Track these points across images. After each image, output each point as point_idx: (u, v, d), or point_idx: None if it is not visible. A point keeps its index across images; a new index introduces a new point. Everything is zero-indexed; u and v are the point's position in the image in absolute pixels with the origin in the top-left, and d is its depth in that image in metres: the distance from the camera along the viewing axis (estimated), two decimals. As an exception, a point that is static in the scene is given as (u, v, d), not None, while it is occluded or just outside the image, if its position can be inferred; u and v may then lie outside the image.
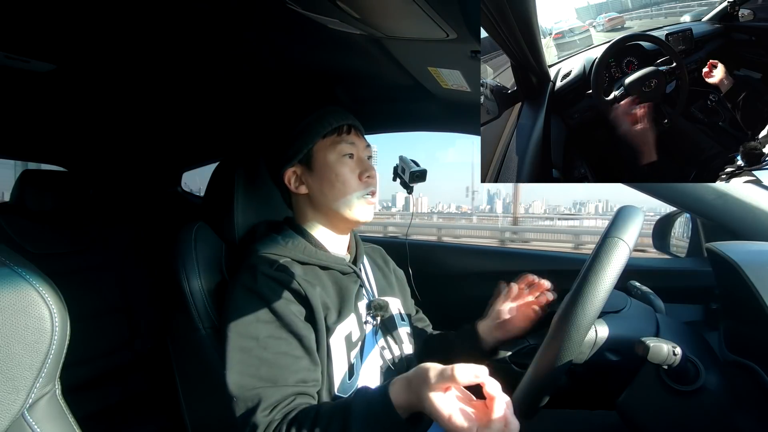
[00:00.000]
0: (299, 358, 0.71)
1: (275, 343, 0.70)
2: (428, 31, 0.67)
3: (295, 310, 0.73)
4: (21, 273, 0.37)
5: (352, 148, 0.83)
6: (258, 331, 0.70)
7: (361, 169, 0.83)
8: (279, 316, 0.71)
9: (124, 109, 1.34)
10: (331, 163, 0.81)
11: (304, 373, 0.70)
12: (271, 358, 0.69)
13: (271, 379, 0.67)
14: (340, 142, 0.82)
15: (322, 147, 0.82)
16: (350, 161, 0.82)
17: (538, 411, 0.65)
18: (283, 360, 0.69)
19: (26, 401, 0.37)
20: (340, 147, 0.82)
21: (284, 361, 0.69)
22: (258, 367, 0.68)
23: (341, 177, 0.81)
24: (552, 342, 0.54)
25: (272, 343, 0.70)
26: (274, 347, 0.69)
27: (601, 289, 0.51)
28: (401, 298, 0.95)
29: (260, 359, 0.68)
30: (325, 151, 0.82)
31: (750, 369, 0.61)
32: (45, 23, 0.79)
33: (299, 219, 0.86)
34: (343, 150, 0.82)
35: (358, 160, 0.84)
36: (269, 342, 0.69)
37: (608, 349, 0.62)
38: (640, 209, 0.58)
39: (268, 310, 0.71)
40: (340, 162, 0.81)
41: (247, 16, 0.76)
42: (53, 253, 1.33)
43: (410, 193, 1.03)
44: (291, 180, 0.84)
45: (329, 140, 0.82)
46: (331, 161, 0.81)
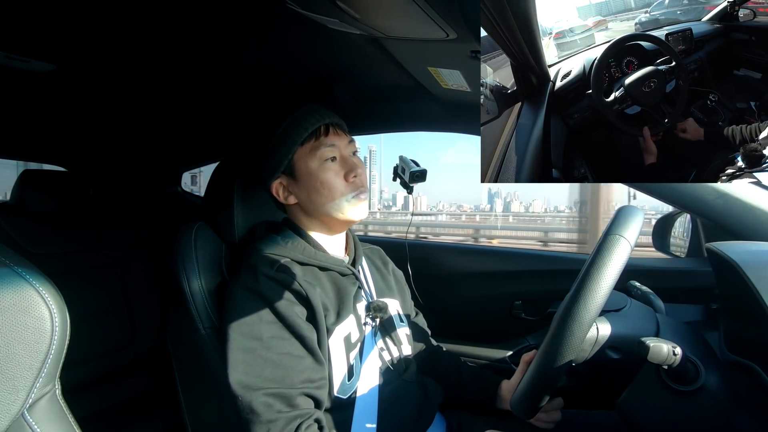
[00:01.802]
0: (303, 357, 0.71)
1: (279, 344, 0.70)
2: (428, 31, 0.67)
3: (297, 311, 0.73)
4: (21, 273, 0.37)
5: (333, 150, 0.79)
6: (261, 331, 0.70)
7: (346, 169, 0.80)
8: (281, 316, 0.71)
9: (124, 109, 1.34)
10: (313, 170, 0.78)
11: (310, 373, 0.70)
12: (276, 359, 0.69)
13: (276, 379, 0.67)
14: (318, 147, 0.79)
15: (302, 155, 0.79)
16: (333, 164, 0.79)
17: (538, 410, 0.65)
18: (287, 360, 0.69)
19: (26, 401, 0.37)
20: (320, 152, 0.78)
21: (289, 362, 0.69)
22: (263, 367, 0.68)
23: (326, 183, 0.78)
24: (554, 339, 0.54)
25: (276, 343, 0.70)
26: (278, 348, 0.69)
27: (602, 285, 0.52)
28: (400, 299, 0.95)
29: (264, 359, 0.68)
30: (306, 159, 0.79)
31: (750, 369, 0.61)
32: (45, 23, 0.79)
33: (296, 221, 0.86)
34: (323, 155, 0.79)
35: (342, 160, 0.80)
36: (273, 342, 0.69)
37: (609, 347, 0.62)
38: (641, 209, 0.58)
39: (270, 311, 0.71)
40: (322, 168, 0.78)
41: (247, 16, 0.76)
42: (53, 253, 1.33)
43: (410, 193, 1.03)
44: (279, 191, 0.82)
45: (308, 147, 0.79)
46: (313, 169, 0.78)
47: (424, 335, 0.98)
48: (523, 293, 1.26)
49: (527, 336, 1.21)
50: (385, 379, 0.80)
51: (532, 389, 0.59)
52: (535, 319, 1.24)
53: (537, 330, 1.23)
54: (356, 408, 0.75)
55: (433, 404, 0.84)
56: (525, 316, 1.25)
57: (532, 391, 0.59)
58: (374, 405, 0.76)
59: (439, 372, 0.93)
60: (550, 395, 0.62)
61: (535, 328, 1.23)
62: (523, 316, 1.25)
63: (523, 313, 1.25)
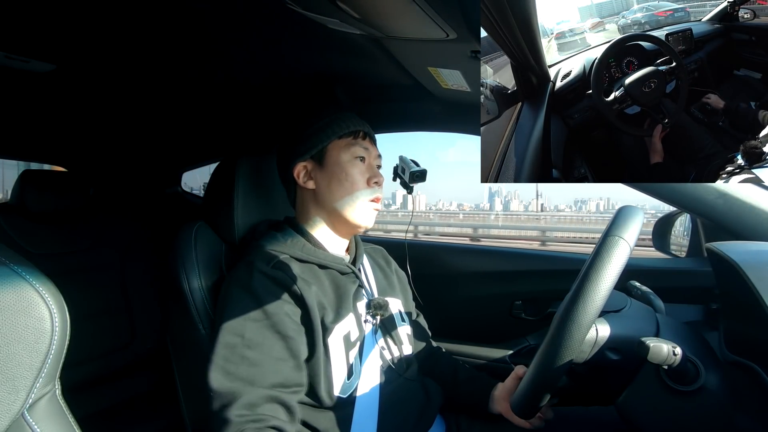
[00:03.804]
0: (282, 360, 0.70)
1: (259, 343, 0.69)
2: (428, 31, 0.67)
3: (289, 311, 0.72)
4: (21, 273, 0.37)
5: (365, 152, 0.85)
6: (245, 328, 0.70)
7: (371, 174, 0.84)
8: (269, 315, 0.71)
9: (124, 109, 1.34)
10: (343, 162, 0.83)
11: (286, 376, 0.69)
12: (253, 358, 0.68)
13: (248, 378, 0.67)
14: (354, 144, 0.84)
15: (337, 146, 0.84)
16: (361, 164, 0.84)
17: (538, 411, 0.65)
18: (264, 361, 0.68)
19: (26, 401, 0.37)
20: (354, 149, 0.84)
21: (265, 363, 0.68)
22: (238, 365, 0.67)
23: (350, 177, 0.82)
24: (553, 341, 0.54)
25: (257, 342, 0.69)
26: (258, 347, 0.69)
27: (602, 287, 0.51)
28: (402, 299, 0.95)
29: (242, 357, 0.68)
30: (339, 150, 0.83)
31: (750, 369, 0.61)
32: (45, 23, 0.79)
33: (301, 216, 0.86)
34: (356, 152, 0.84)
35: (369, 165, 0.85)
36: (254, 340, 0.69)
37: (609, 348, 0.62)
38: (641, 209, 0.57)
39: (258, 309, 0.71)
40: (351, 163, 0.83)
41: (246, 17, 0.76)
42: (53, 253, 1.33)
43: (410, 192, 1.02)
44: (300, 174, 0.84)
45: (345, 141, 0.84)
46: (343, 160, 0.83)
47: (424, 336, 0.98)
48: (523, 293, 1.26)
49: (527, 336, 1.21)
50: (386, 378, 0.80)
51: (531, 391, 0.59)
52: (535, 319, 1.24)
53: (537, 330, 1.22)
54: (356, 407, 0.75)
55: (434, 405, 0.84)
56: (525, 316, 1.25)
57: (531, 392, 0.59)
58: (375, 404, 0.76)
59: (436, 372, 0.93)
60: (550, 396, 0.62)
61: (535, 328, 1.23)
62: (523, 316, 1.25)
63: (523, 313, 1.25)
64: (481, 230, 12.85)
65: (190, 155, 1.80)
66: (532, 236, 10.91)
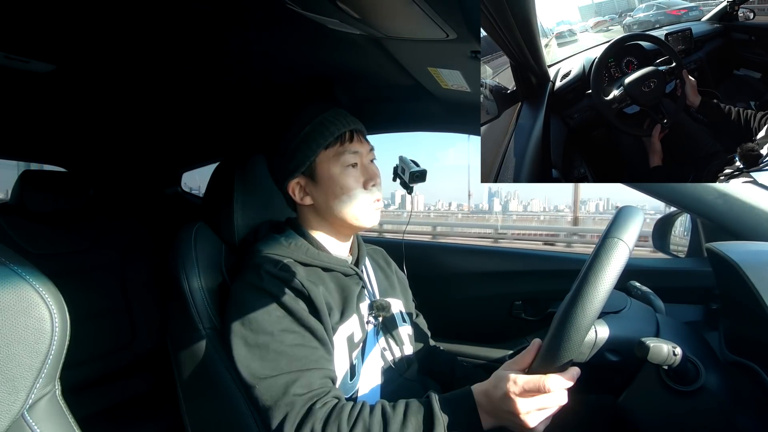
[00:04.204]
0: (316, 348, 0.71)
1: (290, 336, 0.70)
2: (428, 31, 0.67)
3: (303, 307, 0.73)
4: (21, 273, 0.37)
5: (355, 157, 0.80)
6: (271, 325, 0.70)
7: (366, 177, 0.81)
8: (289, 311, 0.71)
9: (124, 109, 1.34)
10: (335, 175, 0.79)
11: (324, 362, 0.71)
12: (289, 351, 0.68)
13: (293, 368, 0.67)
14: (343, 152, 0.79)
15: (325, 159, 0.79)
16: (354, 171, 0.80)
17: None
18: (300, 351, 0.69)
19: (26, 402, 0.37)
20: (344, 158, 0.79)
21: (302, 352, 0.69)
22: (277, 360, 0.68)
23: (346, 189, 0.79)
24: (552, 343, 0.54)
25: (287, 336, 0.70)
26: (290, 339, 0.69)
27: (600, 289, 0.51)
28: (403, 299, 0.95)
29: (278, 352, 0.68)
30: (329, 164, 0.79)
31: (750, 369, 0.61)
32: (45, 23, 0.79)
33: (303, 223, 0.86)
34: (346, 161, 0.79)
35: (362, 168, 0.81)
36: (284, 335, 0.69)
37: (608, 350, 0.62)
38: (641, 209, 0.57)
39: (277, 306, 0.71)
40: (344, 174, 0.79)
41: (246, 17, 0.76)
42: (53, 253, 1.33)
43: (410, 193, 1.03)
44: (295, 191, 0.82)
45: (332, 151, 0.79)
46: (335, 174, 0.79)
47: (424, 336, 0.98)
48: (523, 293, 1.26)
49: (527, 336, 1.21)
50: (386, 378, 0.80)
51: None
52: (535, 319, 1.24)
53: (537, 330, 1.22)
54: None
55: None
56: (525, 316, 1.25)
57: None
58: (375, 404, 0.76)
59: (435, 371, 0.94)
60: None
61: (535, 328, 1.23)
62: (523, 316, 1.25)
63: (523, 313, 1.25)
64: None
65: (189, 155, 1.80)
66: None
